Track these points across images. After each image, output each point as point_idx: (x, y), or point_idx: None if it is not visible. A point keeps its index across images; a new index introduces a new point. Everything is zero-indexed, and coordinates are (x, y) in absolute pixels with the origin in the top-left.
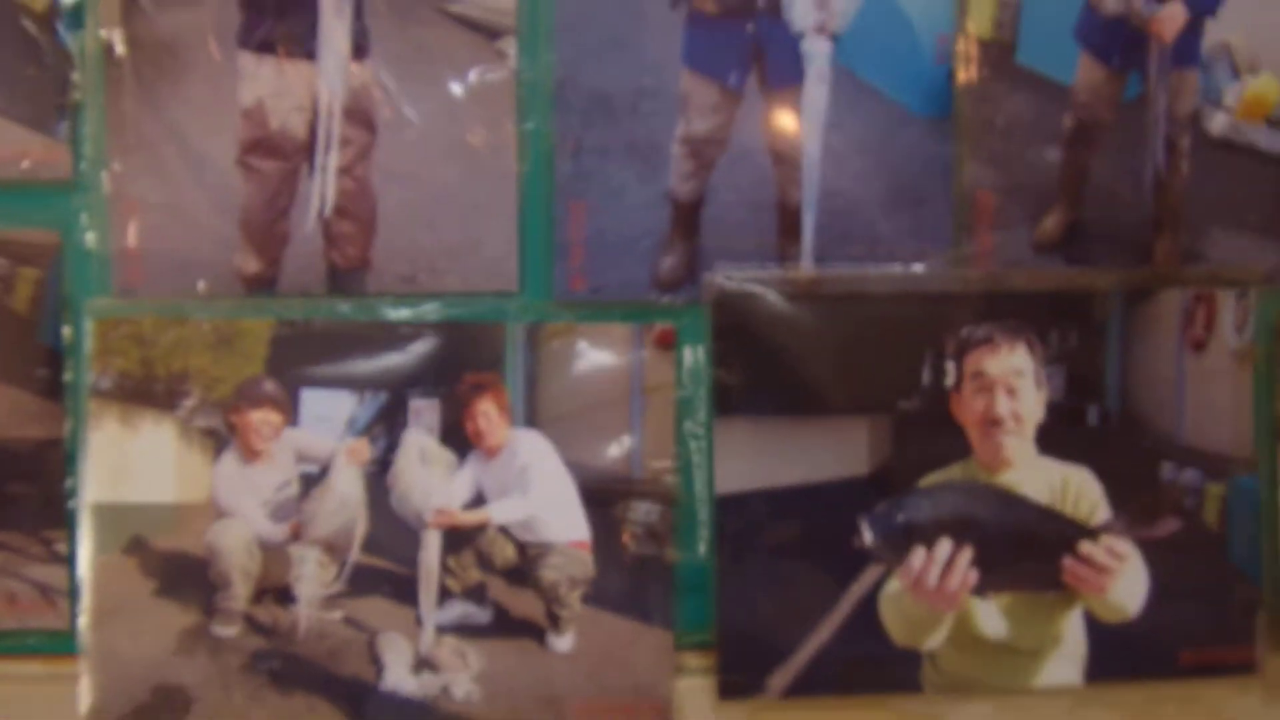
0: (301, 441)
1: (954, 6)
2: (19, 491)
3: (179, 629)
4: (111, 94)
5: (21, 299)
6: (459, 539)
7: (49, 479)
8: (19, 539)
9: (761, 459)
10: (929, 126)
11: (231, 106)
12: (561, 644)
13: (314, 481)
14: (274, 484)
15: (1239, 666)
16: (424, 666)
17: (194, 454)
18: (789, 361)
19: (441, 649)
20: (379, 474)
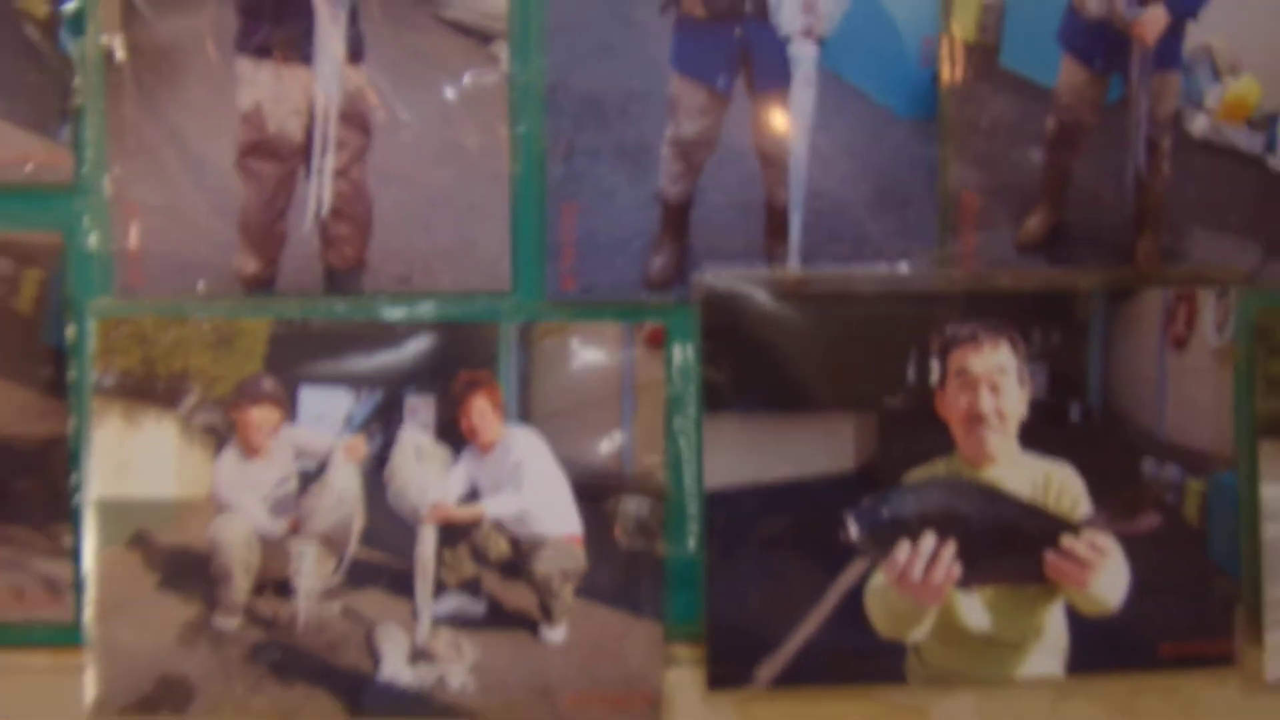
0: (300, 438)
1: (938, 10)
2: (25, 487)
3: (181, 621)
4: (112, 99)
5: (26, 299)
6: (454, 533)
7: (54, 475)
8: (25, 534)
9: (750, 455)
10: (914, 128)
11: (230, 110)
12: (554, 635)
13: (312, 477)
14: (273, 480)
15: (1218, 659)
16: (420, 657)
17: (195, 450)
18: (777, 359)
19: (437, 640)
20: (376, 470)
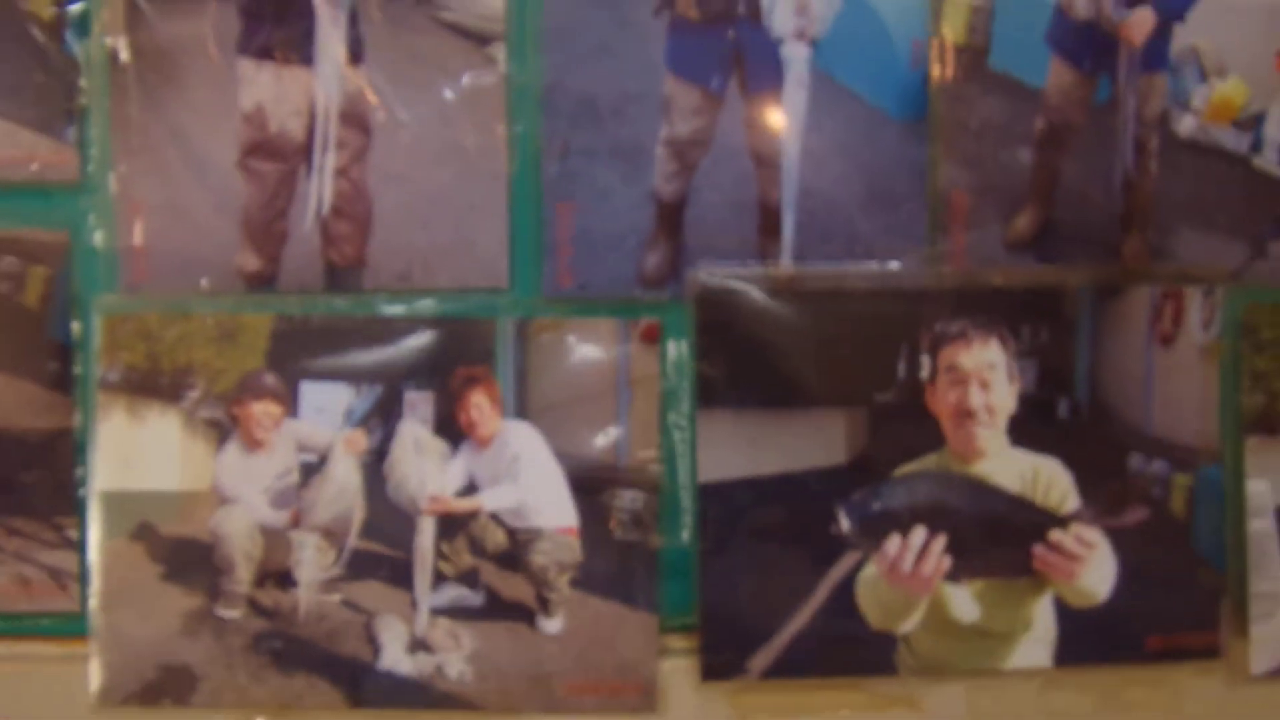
0: (301, 432)
1: (929, 13)
2: (31, 480)
3: (185, 611)
4: (117, 99)
5: (33, 296)
6: (452, 525)
7: (60, 468)
8: (31, 525)
9: (743, 449)
10: (905, 129)
11: (232, 111)
12: (550, 626)
13: (313, 470)
14: (275, 472)
15: (1203, 651)
16: (419, 647)
17: (198, 444)
18: (770, 355)
19: (436, 630)
20: (376, 463)
